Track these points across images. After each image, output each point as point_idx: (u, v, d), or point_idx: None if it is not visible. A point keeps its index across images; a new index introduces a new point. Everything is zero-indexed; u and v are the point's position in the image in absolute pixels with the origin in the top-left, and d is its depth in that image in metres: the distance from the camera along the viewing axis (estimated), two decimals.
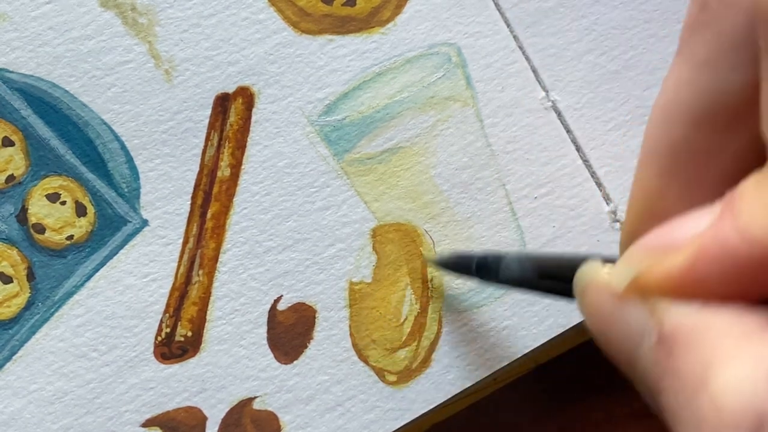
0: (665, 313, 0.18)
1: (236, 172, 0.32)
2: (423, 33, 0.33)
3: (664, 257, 0.19)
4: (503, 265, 0.27)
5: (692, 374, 0.17)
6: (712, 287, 0.18)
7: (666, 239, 0.19)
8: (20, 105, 0.31)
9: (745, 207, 0.18)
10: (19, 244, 0.31)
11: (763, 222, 0.17)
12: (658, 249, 0.19)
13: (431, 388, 0.33)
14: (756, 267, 0.17)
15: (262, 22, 0.32)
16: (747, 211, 0.18)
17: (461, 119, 0.33)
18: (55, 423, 0.31)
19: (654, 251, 0.19)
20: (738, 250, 0.17)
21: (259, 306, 0.32)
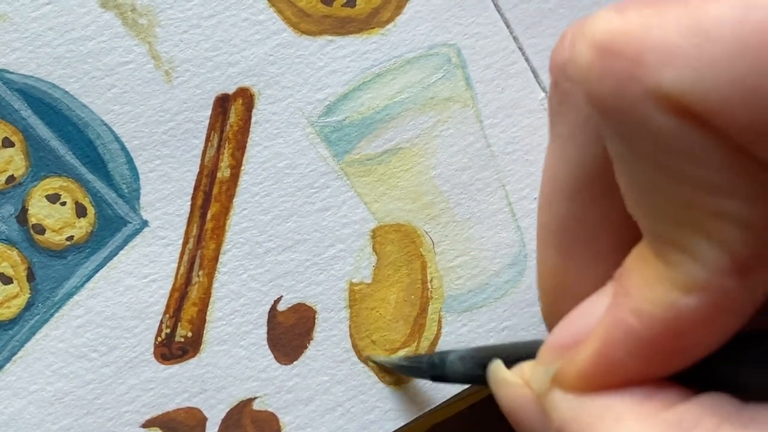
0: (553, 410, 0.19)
1: (236, 172, 0.32)
2: (423, 34, 0.33)
3: (573, 354, 0.19)
4: (448, 363, 0.27)
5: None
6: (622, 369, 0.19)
7: (571, 333, 0.20)
8: (20, 106, 0.31)
9: (632, 285, 0.18)
10: (19, 245, 0.31)
11: (651, 299, 0.18)
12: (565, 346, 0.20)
13: (431, 388, 0.33)
14: (656, 342, 0.18)
15: (262, 23, 0.32)
16: (634, 289, 0.18)
17: (461, 120, 0.33)
18: (55, 423, 0.31)
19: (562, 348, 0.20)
20: (637, 331, 0.18)
21: (259, 307, 0.32)
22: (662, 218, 0.17)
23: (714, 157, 0.16)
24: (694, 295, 0.17)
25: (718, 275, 0.17)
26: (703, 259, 0.17)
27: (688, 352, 0.18)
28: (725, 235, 0.16)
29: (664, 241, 0.17)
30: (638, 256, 0.18)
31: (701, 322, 0.17)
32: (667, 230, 0.17)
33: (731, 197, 0.16)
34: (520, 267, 0.33)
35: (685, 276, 0.17)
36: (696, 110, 0.16)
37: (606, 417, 0.18)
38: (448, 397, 0.33)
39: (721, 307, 0.17)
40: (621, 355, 0.18)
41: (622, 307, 0.18)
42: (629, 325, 0.18)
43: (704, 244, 0.17)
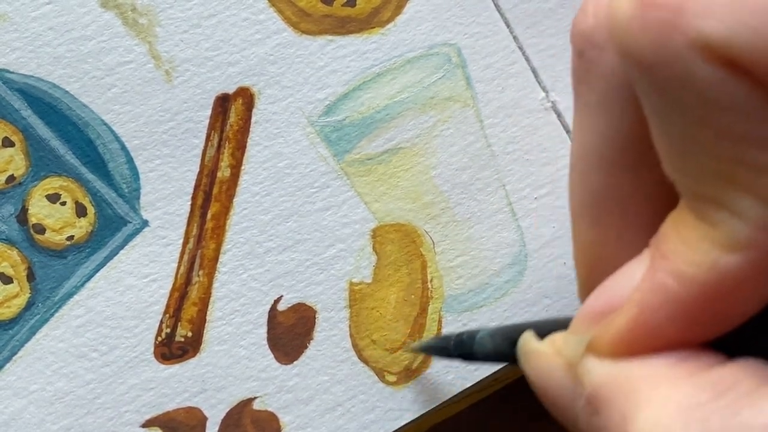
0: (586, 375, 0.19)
1: (236, 172, 0.32)
2: (423, 33, 0.33)
3: (610, 320, 0.19)
4: (477, 342, 0.27)
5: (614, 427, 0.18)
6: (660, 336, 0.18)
7: (606, 301, 0.19)
8: (20, 105, 0.31)
9: (670, 249, 0.18)
10: (20, 245, 0.31)
11: (692, 259, 0.17)
12: (600, 313, 0.19)
13: (431, 388, 0.33)
14: (696, 305, 0.18)
15: (262, 22, 0.32)
16: (673, 252, 0.18)
17: (461, 120, 0.33)
18: (56, 423, 0.31)
19: (597, 316, 0.19)
20: (677, 293, 0.18)
21: (259, 306, 0.32)
22: (703, 176, 0.17)
23: (758, 110, 0.16)
24: (737, 254, 0.17)
25: (762, 232, 0.16)
26: (746, 216, 0.16)
27: (728, 316, 0.18)
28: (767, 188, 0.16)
29: (704, 200, 0.17)
30: (676, 220, 0.18)
31: (744, 281, 0.17)
32: (708, 188, 0.17)
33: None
34: (521, 267, 0.33)
35: (728, 234, 0.17)
36: (740, 60, 0.15)
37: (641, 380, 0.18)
38: (449, 396, 0.33)
39: (766, 265, 0.17)
40: (660, 320, 0.18)
41: (661, 270, 0.18)
42: (669, 287, 0.18)
43: (747, 200, 0.16)
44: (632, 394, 0.18)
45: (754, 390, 0.16)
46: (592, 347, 0.19)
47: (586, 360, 0.19)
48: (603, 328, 0.19)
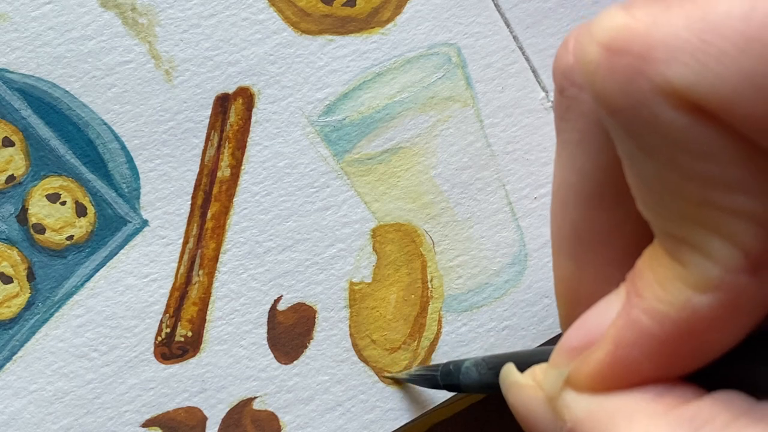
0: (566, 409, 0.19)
1: (236, 172, 0.32)
2: (423, 33, 0.33)
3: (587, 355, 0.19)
4: (462, 372, 0.27)
5: None
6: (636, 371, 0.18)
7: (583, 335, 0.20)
8: (20, 105, 0.31)
9: (645, 287, 0.18)
10: (20, 245, 0.31)
11: (665, 298, 0.18)
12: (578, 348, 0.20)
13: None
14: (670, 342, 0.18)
15: (262, 22, 0.32)
16: (648, 289, 0.18)
17: (461, 119, 0.33)
18: (56, 423, 0.31)
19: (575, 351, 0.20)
20: (651, 331, 0.18)
21: (259, 306, 0.32)
22: (673, 217, 0.17)
23: (724, 153, 0.16)
24: (708, 294, 0.17)
25: (731, 273, 0.17)
26: (716, 257, 0.17)
27: (703, 352, 0.18)
28: (738, 231, 0.16)
29: (676, 240, 0.17)
30: (650, 257, 0.18)
31: (716, 320, 0.17)
32: (679, 229, 0.17)
33: (743, 193, 0.16)
34: (520, 266, 0.33)
35: (699, 274, 0.17)
36: (705, 105, 0.16)
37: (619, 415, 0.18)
38: (448, 396, 0.33)
39: (736, 305, 0.17)
40: (635, 356, 0.18)
41: (636, 307, 0.18)
42: (643, 325, 0.18)
43: (717, 241, 0.17)
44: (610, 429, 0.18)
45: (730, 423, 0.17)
46: (570, 381, 0.20)
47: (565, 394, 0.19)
48: (580, 362, 0.19)
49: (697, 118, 0.16)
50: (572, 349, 0.20)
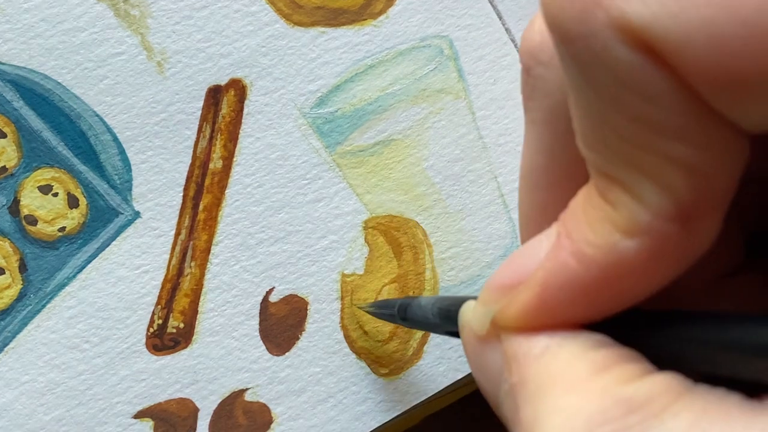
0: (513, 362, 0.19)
1: (228, 164, 0.32)
2: (415, 25, 0.33)
3: (514, 294, 0.19)
4: (411, 309, 0.27)
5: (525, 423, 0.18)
6: (562, 314, 0.18)
7: (512, 274, 0.19)
8: (12, 97, 0.31)
9: (574, 228, 0.18)
10: (12, 236, 0.31)
11: (592, 240, 0.18)
12: (507, 286, 0.19)
13: (423, 379, 0.33)
14: (595, 286, 0.18)
15: (254, 14, 0.32)
16: (576, 231, 0.18)
17: (453, 112, 0.33)
18: (47, 414, 0.31)
19: (504, 289, 0.20)
20: (577, 274, 0.18)
21: (251, 298, 0.32)
22: (610, 156, 0.17)
23: (669, 99, 0.16)
24: (635, 239, 0.17)
25: (660, 219, 0.17)
26: (647, 202, 0.17)
27: (626, 297, 0.18)
28: (671, 179, 0.16)
29: (609, 180, 0.17)
30: (584, 198, 0.18)
31: (640, 266, 0.17)
32: (614, 168, 0.17)
33: (681, 141, 0.16)
34: None
35: (628, 217, 0.17)
36: (657, 47, 0.15)
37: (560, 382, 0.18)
38: (441, 388, 0.33)
39: (661, 253, 0.17)
40: (561, 299, 0.18)
41: (564, 249, 0.18)
42: (570, 268, 0.18)
43: (649, 186, 0.17)
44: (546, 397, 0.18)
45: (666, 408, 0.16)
46: (497, 321, 0.19)
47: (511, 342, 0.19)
48: (508, 302, 0.19)
49: (647, 59, 0.16)
50: (501, 286, 0.19)
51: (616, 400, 0.17)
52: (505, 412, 0.19)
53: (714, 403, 0.16)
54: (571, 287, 0.18)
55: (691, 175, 0.16)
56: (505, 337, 0.19)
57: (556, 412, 0.17)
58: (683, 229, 0.17)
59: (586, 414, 0.17)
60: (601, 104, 0.17)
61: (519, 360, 0.19)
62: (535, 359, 0.18)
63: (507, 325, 0.19)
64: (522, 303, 0.19)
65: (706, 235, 0.17)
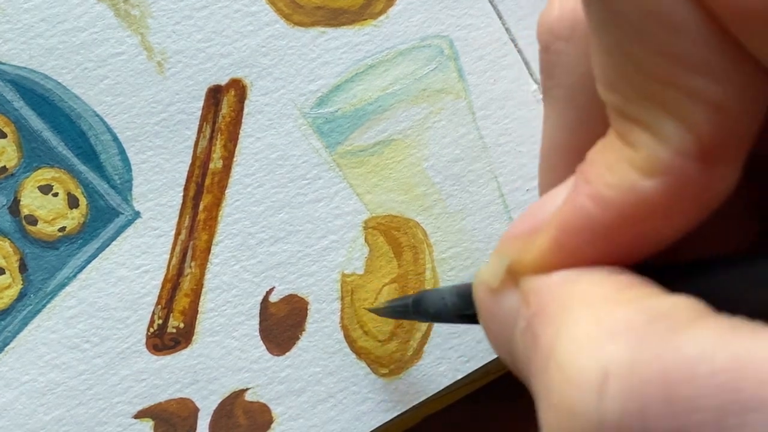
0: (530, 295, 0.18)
1: (228, 164, 0.32)
2: (415, 25, 0.33)
3: (531, 241, 0.19)
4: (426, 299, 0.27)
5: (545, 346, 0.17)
6: (580, 259, 0.18)
7: (530, 222, 0.19)
8: (12, 97, 0.31)
9: (593, 172, 0.18)
10: (12, 236, 0.31)
11: (611, 182, 0.17)
12: (524, 234, 0.19)
13: (423, 379, 0.33)
14: (614, 229, 0.17)
15: (254, 14, 0.32)
16: (595, 175, 0.18)
17: (453, 111, 0.33)
18: (47, 414, 0.31)
19: (520, 237, 0.19)
20: (594, 216, 0.17)
21: (251, 298, 0.32)
22: (632, 94, 0.17)
23: (695, 31, 0.15)
24: (655, 178, 0.17)
25: (681, 158, 0.16)
26: (667, 139, 0.16)
27: (647, 240, 0.18)
28: (694, 114, 0.16)
29: (630, 121, 0.17)
30: (602, 145, 0.18)
31: (660, 207, 0.17)
32: (635, 108, 0.17)
33: (706, 76, 0.16)
34: None
35: (648, 157, 0.17)
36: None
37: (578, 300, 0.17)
38: (441, 388, 0.33)
39: (682, 193, 0.17)
40: (579, 242, 0.18)
41: (581, 193, 0.18)
42: (587, 210, 0.17)
43: (670, 122, 0.16)
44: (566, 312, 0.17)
45: (691, 321, 0.16)
46: (512, 269, 0.19)
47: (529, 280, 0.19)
48: (523, 249, 0.19)
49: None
50: (517, 234, 0.19)
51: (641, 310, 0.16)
52: (518, 353, 0.18)
53: (738, 322, 0.16)
54: (588, 230, 0.17)
55: (715, 111, 0.16)
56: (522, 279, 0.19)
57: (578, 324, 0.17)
58: (704, 169, 0.16)
59: (608, 322, 0.16)
60: (626, 39, 0.16)
61: (538, 291, 0.18)
62: (556, 286, 0.18)
63: (524, 270, 0.19)
64: (539, 247, 0.18)
65: (727, 178, 0.17)
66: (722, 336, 0.15)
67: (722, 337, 0.15)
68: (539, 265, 0.18)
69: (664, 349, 0.15)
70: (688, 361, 0.15)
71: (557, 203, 0.18)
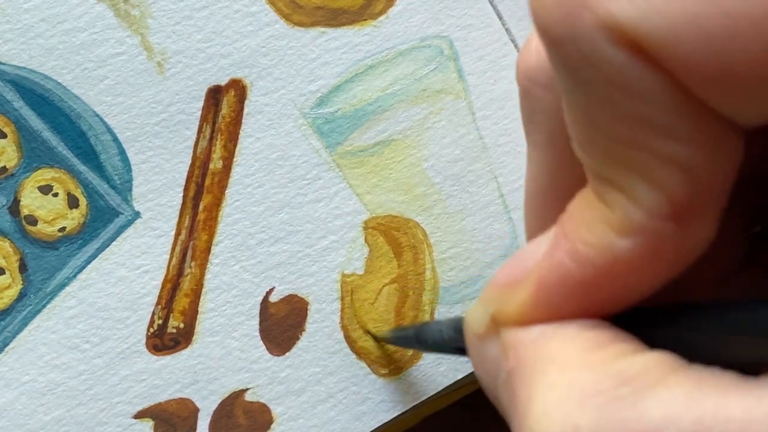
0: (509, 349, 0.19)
1: (228, 164, 0.32)
2: (415, 25, 0.33)
3: (512, 293, 0.19)
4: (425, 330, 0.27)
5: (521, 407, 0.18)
6: (559, 313, 0.18)
7: (513, 272, 0.19)
8: (12, 97, 0.31)
9: (571, 228, 0.18)
10: (12, 236, 0.31)
11: (588, 240, 0.18)
12: (506, 284, 0.19)
13: (423, 380, 0.33)
14: (591, 286, 0.18)
15: (254, 14, 0.32)
16: (573, 231, 0.18)
17: (453, 112, 0.33)
18: (47, 414, 0.31)
19: (503, 287, 0.20)
20: (572, 273, 0.18)
21: (251, 298, 0.32)
22: (604, 157, 0.17)
23: (659, 96, 0.16)
24: (630, 238, 0.17)
25: (654, 218, 0.17)
26: (640, 201, 0.17)
27: (621, 297, 0.18)
28: (664, 177, 0.16)
29: (604, 182, 0.17)
30: (581, 199, 0.18)
31: (635, 266, 0.17)
32: (609, 170, 0.17)
33: (674, 139, 0.16)
34: None
35: (623, 217, 0.17)
36: (646, 46, 0.15)
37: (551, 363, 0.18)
38: (441, 388, 0.33)
39: (656, 252, 0.17)
40: (556, 297, 0.18)
41: (560, 249, 0.18)
42: (565, 267, 0.18)
43: (643, 185, 0.17)
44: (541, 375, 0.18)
45: (659, 380, 0.16)
46: (495, 319, 0.19)
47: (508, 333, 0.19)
48: (505, 300, 0.19)
49: (636, 58, 0.16)
50: (499, 285, 0.20)
51: (610, 374, 0.17)
52: (502, 401, 0.19)
53: (709, 378, 0.16)
54: (566, 285, 0.18)
55: (685, 172, 0.16)
56: (503, 330, 0.19)
57: (551, 389, 0.17)
58: (678, 228, 0.17)
59: (579, 387, 0.17)
60: (593, 106, 0.17)
61: (515, 346, 0.19)
62: (531, 343, 0.18)
63: (505, 321, 0.19)
64: (519, 300, 0.19)
65: (703, 235, 0.17)
66: (689, 396, 0.16)
67: (689, 397, 0.16)
68: (519, 318, 0.19)
69: (630, 414, 0.16)
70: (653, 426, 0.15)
71: (539, 254, 0.19)
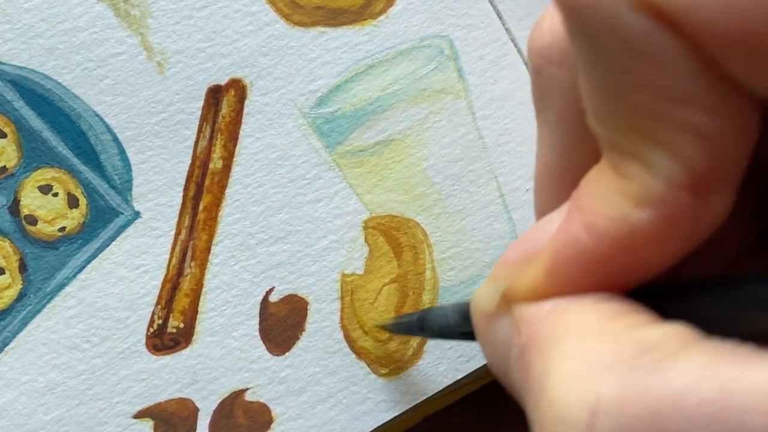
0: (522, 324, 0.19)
1: (228, 164, 0.32)
2: (415, 25, 0.33)
3: (525, 268, 0.19)
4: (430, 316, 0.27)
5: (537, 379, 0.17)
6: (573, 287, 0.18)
7: (525, 248, 0.19)
8: (12, 96, 0.31)
9: (586, 202, 0.18)
10: (12, 236, 0.31)
11: (604, 212, 0.17)
12: (518, 261, 0.19)
13: (423, 379, 0.33)
14: (607, 259, 0.18)
15: (254, 14, 0.32)
16: (588, 205, 0.18)
17: (453, 111, 0.33)
18: (47, 414, 0.31)
19: (515, 263, 0.19)
20: (588, 246, 0.18)
21: (251, 298, 0.32)
22: (621, 127, 0.17)
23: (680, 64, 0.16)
24: (647, 209, 0.17)
25: (672, 189, 0.16)
26: (659, 171, 0.16)
27: (638, 271, 0.18)
28: (683, 146, 0.16)
29: (621, 153, 0.17)
30: (596, 173, 0.18)
31: (653, 238, 0.17)
32: (626, 140, 0.17)
33: (694, 107, 0.16)
34: None
35: (640, 188, 0.17)
36: (667, 11, 0.15)
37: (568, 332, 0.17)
38: (441, 388, 0.33)
39: (674, 224, 0.17)
40: (572, 272, 0.18)
41: (575, 222, 0.18)
42: (581, 240, 0.17)
43: (661, 155, 0.16)
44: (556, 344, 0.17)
45: (679, 350, 0.16)
46: (507, 295, 0.19)
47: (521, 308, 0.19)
48: (517, 276, 0.19)
49: (657, 24, 0.15)
50: (511, 261, 0.19)
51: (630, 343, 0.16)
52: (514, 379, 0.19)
53: (727, 349, 0.16)
54: (581, 260, 0.18)
55: (705, 142, 0.16)
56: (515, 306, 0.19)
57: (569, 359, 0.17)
58: (696, 200, 0.16)
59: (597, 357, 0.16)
60: (612, 74, 0.16)
61: (528, 320, 0.18)
62: (545, 316, 0.18)
63: (517, 297, 0.19)
64: (532, 276, 0.18)
65: (719, 207, 0.17)
66: (709, 365, 0.15)
67: (709, 367, 0.15)
68: (532, 293, 0.19)
69: (652, 382, 0.16)
70: (676, 394, 0.15)
71: (552, 229, 0.18)
